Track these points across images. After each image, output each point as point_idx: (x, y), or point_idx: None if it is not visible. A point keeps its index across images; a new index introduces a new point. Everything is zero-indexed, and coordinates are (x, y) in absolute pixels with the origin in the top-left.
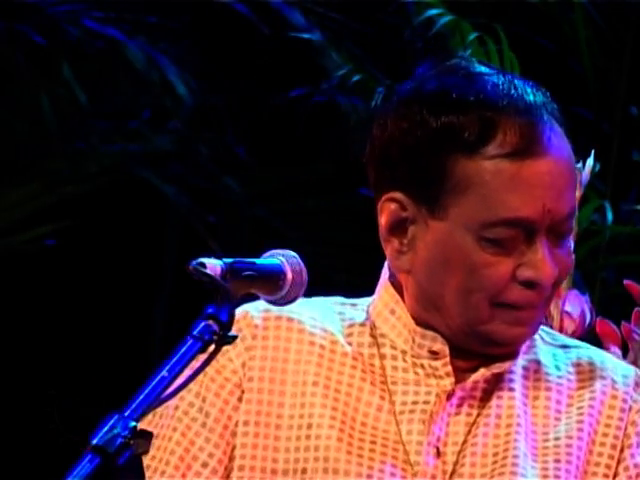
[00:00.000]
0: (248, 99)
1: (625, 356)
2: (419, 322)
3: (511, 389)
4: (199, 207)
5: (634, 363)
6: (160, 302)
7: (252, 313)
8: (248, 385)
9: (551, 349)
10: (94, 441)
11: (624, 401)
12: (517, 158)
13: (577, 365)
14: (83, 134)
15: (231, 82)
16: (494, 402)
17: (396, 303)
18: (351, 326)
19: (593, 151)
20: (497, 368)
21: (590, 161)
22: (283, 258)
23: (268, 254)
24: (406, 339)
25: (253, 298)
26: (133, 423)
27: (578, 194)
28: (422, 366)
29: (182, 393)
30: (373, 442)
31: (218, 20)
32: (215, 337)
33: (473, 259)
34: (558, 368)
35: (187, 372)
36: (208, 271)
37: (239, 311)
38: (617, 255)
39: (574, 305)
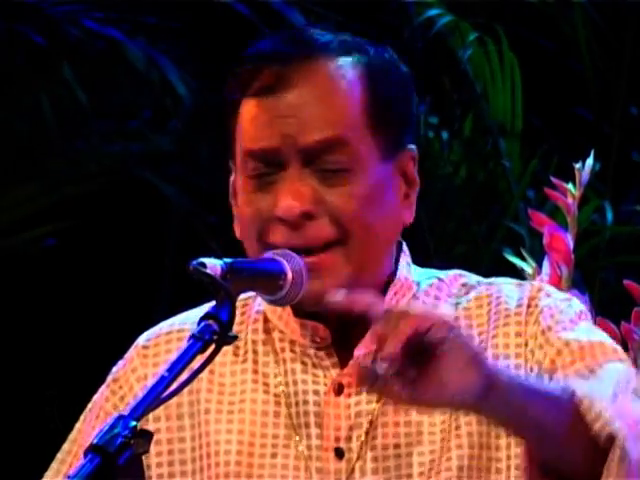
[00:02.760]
0: None
1: None
2: (295, 312)
3: None
4: (199, 207)
5: (634, 363)
6: (160, 302)
7: (139, 341)
8: (149, 427)
9: (455, 299)
10: (94, 441)
11: (518, 335)
12: (260, 97)
13: (478, 307)
14: (83, 134)
15: None
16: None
17: None
18: (246, 327)
19: (593, 151)
20: (362, 348)
21: (590, 161)
22: (283, 258)
23: (268, 254)
24: (292, 329)
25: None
26: (133, 423)
27: (578, 194)
28: (309, 356)
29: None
30: (274, 455)
31: (218, 20)
32: (215, 337)
33: (242, 200)
34: (456, 319)
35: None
36: (208, 271)
37: (133, 345)
38: (617, 255)
39: None
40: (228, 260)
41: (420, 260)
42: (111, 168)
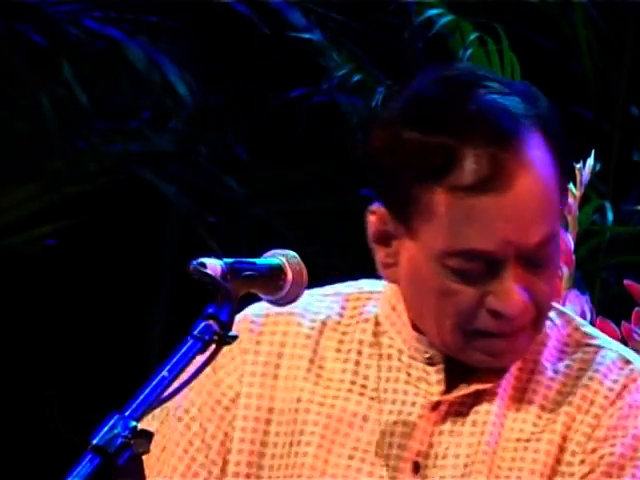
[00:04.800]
0: (248, 99)
1: None
2: (414, 325)
3: (490, 400)
4: (199, 207)
5: None
6: (160, 302)
7: (250, 317)
8: (241, 401)
9: (561, 349)
10: (94, 441)
11: (596, 417)
12: (474, 192)
13: (579, 370)
14: (83, 134)
15: (231, 82)
16: (470, 416)
17: (397, 301)
18: (356, 324)
19: (593, 151)
20: (482, 384)
21: (590, 161)
22: (283, 258)
23: (268, 254)
24: (404, 339)
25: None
26: (133, 423)
27: (578, 193)
28: (416, 368)
29: (186, 405)
30: (351, 457)
31: (218, 20)
32: (215, 337)
33: (439, 285)
34: (556, 371)
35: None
36: (208, 271)
37: (238, 316)
38: (617, 255)
39: (574, 305)
40: (228, 260)
41: None
42: (111, 168)
